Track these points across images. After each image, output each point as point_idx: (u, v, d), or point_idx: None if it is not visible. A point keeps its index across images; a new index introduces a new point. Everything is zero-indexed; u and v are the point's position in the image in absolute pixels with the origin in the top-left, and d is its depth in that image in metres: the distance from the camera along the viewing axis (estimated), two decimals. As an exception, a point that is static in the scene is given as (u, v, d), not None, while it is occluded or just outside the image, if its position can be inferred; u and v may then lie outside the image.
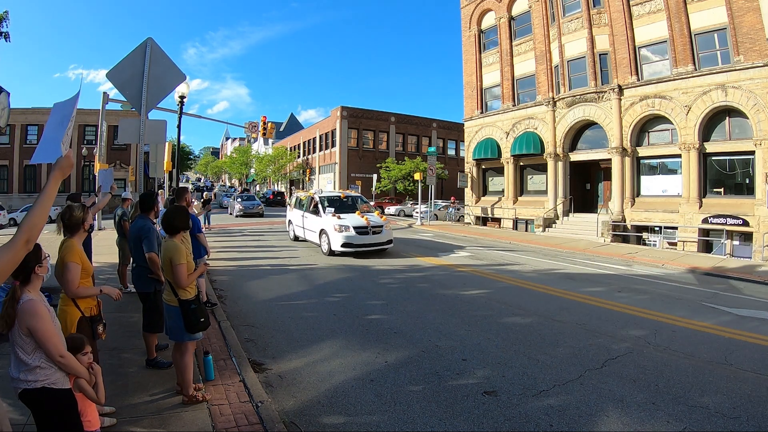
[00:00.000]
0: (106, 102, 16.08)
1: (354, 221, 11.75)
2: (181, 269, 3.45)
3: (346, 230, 11.47)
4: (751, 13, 13.92)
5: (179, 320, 3.49)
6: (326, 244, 11.85)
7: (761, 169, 13.91)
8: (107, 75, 5.75)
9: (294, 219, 14.71)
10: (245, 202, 27.29)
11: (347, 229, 11.48)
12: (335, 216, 11.87)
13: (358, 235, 11.52)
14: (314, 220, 12.78)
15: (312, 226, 12.94)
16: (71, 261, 3.12)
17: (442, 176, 33.47)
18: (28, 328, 2.12)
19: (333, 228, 11.55)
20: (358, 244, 11.48)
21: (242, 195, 31.77)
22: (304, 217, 13.63)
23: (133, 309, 5.52)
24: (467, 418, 3.59)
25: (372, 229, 11.82)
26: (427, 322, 6.14)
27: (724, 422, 3.57)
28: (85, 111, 34.50)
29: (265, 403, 3.61)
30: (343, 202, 13.32)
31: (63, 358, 2.22)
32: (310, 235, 13.13)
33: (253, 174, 60.49)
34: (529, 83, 21.75)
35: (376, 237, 11.85)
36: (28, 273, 2.20)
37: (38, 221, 1.85)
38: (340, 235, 11.43)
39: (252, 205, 27.06)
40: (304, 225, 13.58)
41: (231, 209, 28.27)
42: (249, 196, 30.77)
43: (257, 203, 27.87)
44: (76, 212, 3.24)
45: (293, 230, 14.75)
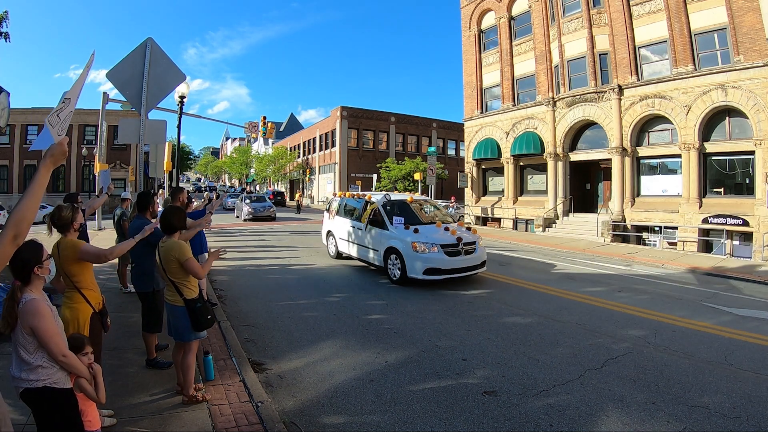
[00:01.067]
0: (106, 102, 16.10)
1: (439, 237, 8.52)
2: (192, 263, 3.48)
3: (431, 250, 8.19)
4: (751, 13, 13.92)
5: (185, 319, 3.49)
6: (397, 268, 8.54)
7: (761, 169, 13.91)
8: (107, 75, 5.75)
9: (337, 230, 11.07)
10: (255, 204, 24.53)
11: (432, 248, 8.21)
12: (409, 229, 8.67)
13: (448, 256, 8.25)
14: (376, 235, 9.31)
15: (373, 243, 9.41)
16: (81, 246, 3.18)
17: (442, 176, 33.45)
18: (30, 328, 2.11)
19: (411, 247, 8.22)
20: (447, 270, 8.19)
21: (250, 195, 28.52)
22: (355, 230, 10.15)
23: (133, 309, 5.52)
24: (467, 418, 3.60)
25: (464, 248, 8.54)
26: (427, 322, 6.14)
27: (724, 422, 3.57)
28: (85, 111, 34.54)
29: (265, 403, 3.61)
30: (411, 208, 9.80)
31: (65, 358, 2.21)
32: (368, 254, 9.57)
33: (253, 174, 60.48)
34: (529, 83, 21.75)
35: (469, 259, 8.57)
36: (28, 273, 2.19)
37: (27, 214, 1.74)
38: (422, 258, 8.12)
39: (263, 208, 24.20)
40: (357, 239, 10.03)
41: (238, 212, 25.80)
42: (258, 197, 27.62)
43: (268, 205, 24.91)
44: (64, 212, 3.23)
45: (334, 245, 11.24)
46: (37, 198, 1.78)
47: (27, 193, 1.78)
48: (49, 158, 1.84)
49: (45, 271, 2.26)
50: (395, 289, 8.14)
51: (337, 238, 11.03)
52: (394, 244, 8.65)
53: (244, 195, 28.65)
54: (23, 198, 1.76)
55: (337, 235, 11.04)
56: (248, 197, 26.51)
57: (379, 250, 9.13)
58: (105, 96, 15.99)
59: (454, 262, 8.30)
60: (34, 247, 2.24)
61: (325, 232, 11.90)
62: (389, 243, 8.78)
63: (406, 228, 8.73)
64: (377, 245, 9.22)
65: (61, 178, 34.91)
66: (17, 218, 1.71)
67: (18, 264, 2.16)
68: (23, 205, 1.74)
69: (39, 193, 1.80)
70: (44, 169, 1.82)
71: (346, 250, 10.65)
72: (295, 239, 15.50)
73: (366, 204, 10.06)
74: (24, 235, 1.76)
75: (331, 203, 11.92)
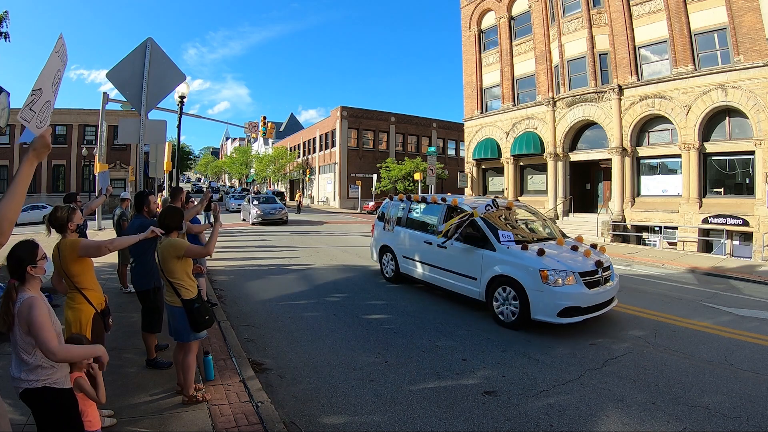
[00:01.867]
0: (106, 102, 16.09)
1: (573, 261, 5.99)
2: (192, 248, 3.59)
3: (565, 281, 5.63)
4: (751, 13, 13.93)
5: (184, 320, 3.49)
6: (511, 305, 5.93)
7: (761, 169, 13.91)
8: (107, 75, 5.75)
9: (399, 246, 8.36)
10: (264, 206, 21.69)
11: (567, 277, 5.66)
12: (529, 249, 6.03)
13: (588, 288, 5.74)
14: (472, 257, 6.56)
15: (464, 267, 6.72)
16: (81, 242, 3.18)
17: (442, 176, 33.47)
18: (27, 323, 2.09)
19: (539, 277, 5.62)
20: (587, 308, 5.73)
21: (258, 196, 25.26)
22: (433, 247, 7.30)
23: (133, 309, 5.52)
24: (467, 418, 3.60)
25: (603, 275, 6.07)
26: (427, 322, 6.14)
27: (724, 422, 3.57)
28: (85, 111, 34.60)
29: (265, 403, 3.61)
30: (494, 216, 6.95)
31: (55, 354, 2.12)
32: (454, 281, 6.92)
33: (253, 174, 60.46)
34: (529, 83, 21.76)
35: (609, 290, 6.09)
36: (22, 272, 2.18)
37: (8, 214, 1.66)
38: (556, 293, 5.55)
39: (273, 210, 21.37)
40: (434, 260, 7.34)
41: (245, 214, 23.28)
42: (268, 197, 24.26)
43: (279, 206, 22.09)
44: (59, 212, 3.23)
45: (392, 264, 8.51)
46: (19, 195, 1.70)
47: (9, 190, 1.69)
48: (32, 152, 1.76)
49: (39, 270, 2.24)
50: (395, 290, 8.13)
51: (399, 257, 8.30)
52: (506, 271, 6.00)
53: (251, 195, 25.17)
54: (5, 196, 1.67)
55: (399, 251, 8.32)
56: (256, 198, 23.57)
57: (477, 278, 6.41)
58: (105, 96, 15.98)
59: (595, 297, 5.79)
60: (29, 247, 2.24)
61: (379, 247, 8.97)
62: (497, 269, 6.12)
63: (523, 248, 6.06)
64: (473, 270, 6.52)
65: (62, 178, 34.96)
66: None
67: (13, 262, 2.17)
68: (4, 203, 1.65)
69: (22, 189, 1.72)
70: (27, 164, 1.74)
71: (413, 273, 7.95)
72: (295, 239, 15.50)
73: (448, 211, 7.40)
74: (6, 234, 1.67)
75: (387, 209, 9.07)
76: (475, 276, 6.51)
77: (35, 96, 1.95)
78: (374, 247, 9.31)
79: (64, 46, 2.15)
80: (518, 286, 5.84)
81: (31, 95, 1.95)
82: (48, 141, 1.83)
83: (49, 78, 2.05)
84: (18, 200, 1.69)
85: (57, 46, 2.07)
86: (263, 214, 20.87)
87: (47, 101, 2.05)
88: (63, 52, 2.17)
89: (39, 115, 1.98)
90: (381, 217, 9.19)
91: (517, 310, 5.86)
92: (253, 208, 21.36)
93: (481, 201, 7.43)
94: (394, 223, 8.65)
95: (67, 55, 2.24)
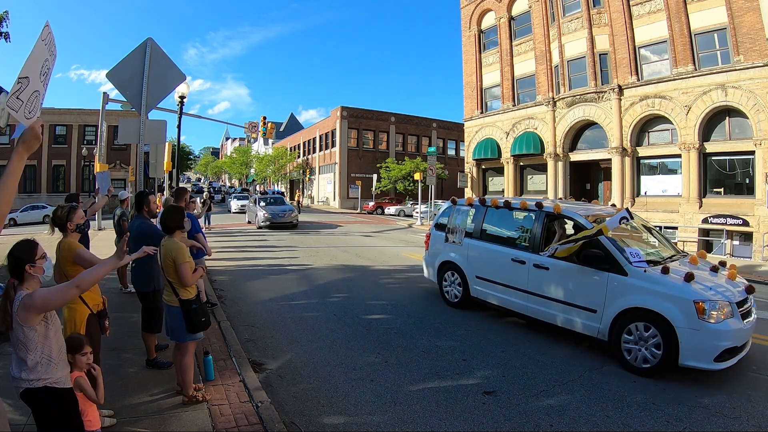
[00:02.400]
0: (106, 102, 16.09)
1: (725, 288, 4.71)
2: (185, 268, 3.46)
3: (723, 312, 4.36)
4: (751, 13, 13.92)
5: (180, 320, 3.49)
6: (651, 347, 4.52)
7: (761, 169, 13.91)
8: (107, 75, 5.76)
9: (470, 262, 6.69)
10: (273, 208, 19.56)
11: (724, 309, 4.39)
12: (670, 274, 4.67)
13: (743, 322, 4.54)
14: (590, 283, 5.09)
15: (572, 295, 5.26)
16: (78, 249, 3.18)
17: (442, 176, 33.47)
18: (37, 308, 2.08)
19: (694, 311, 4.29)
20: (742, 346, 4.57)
21: (265, 197, 22.24)
22: (529, 268, 5.74)
23: (133, 309, 5.52)
24: (467, 418, 3.60)
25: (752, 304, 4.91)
26: (426, 322, 6.14)
27: (724, 422, 3.57)
28: (85, 111, 34.59)
29: (265, 403, 3.61)
30: None
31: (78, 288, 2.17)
32: (557, 309, 5.40)
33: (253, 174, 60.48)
34: (529, 83, 21.76)
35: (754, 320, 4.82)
36: (21, 272, 2.17)
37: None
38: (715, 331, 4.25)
39: (282, 212, 19.18)
40: (528, 284, 5.75)
41: (250, 216, 21.26)
42: (275, 198, 22.03)
43: (289, 208, 20.05)
44: (59, 212, 3.25)
45: (458, 284, 6.86)
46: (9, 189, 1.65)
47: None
48: (21, 145, 1.72)
49: (38, 270, 2.22)
50: (396, 290, 8.14)
51: (470, 277, 6.60)
52: (644, 302, 4.59)
53: (258, 196, 22.55)
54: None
55: (470, 270, 6.61)
56: (263, 199, 21.14)
57: (598, 311, 4.92)
58: (105, 96, 15.99)
59: (748, 332, 4.63)
60: (27, 246, 2.23)
61: (438, 263, 7.24)
62: (630, 299, 4.70)
63: (663, 271, 4.66)
64: (590, 300, 5.03)
65: (62, 178, 34.96)
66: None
67: (11, 261, 2.17)
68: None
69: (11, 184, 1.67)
70: (17, 158, 1.70)
71: (491, 298, 6.32)
72: (295, 239, 15.50)
73: (548, 221, 5.87)
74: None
75: (450, 216, 7.28)
76: (594, 308, 4.96)
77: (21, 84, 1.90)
78: (429, 264, 7.54)
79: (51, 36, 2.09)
80: (661, 323, 4.44)
81: (18, 83, 1.89)
82: (38, 132, 1.77)
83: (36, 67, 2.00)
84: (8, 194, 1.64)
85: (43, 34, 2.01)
86: (271, 217, 18.74)
87: (35, 91, 1.99)
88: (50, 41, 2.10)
89: (27, 105, 1.93)
90: (440, 226, 7.48)
91: (659, 353, 4.40)
92: (260, 210, 19.30)
93: (596, 208, 6.04)
94: (462, 233, 6.91)
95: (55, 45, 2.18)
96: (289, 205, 21.29)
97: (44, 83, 2.09)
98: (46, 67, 2.09)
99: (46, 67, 2.09)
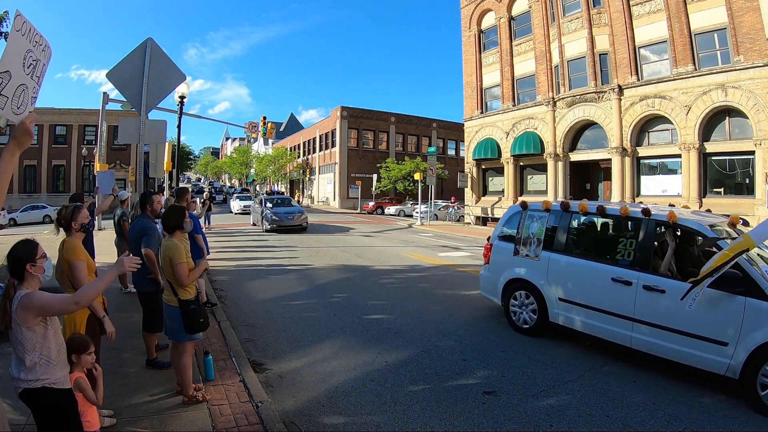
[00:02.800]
0: (106, 102, 16.11)
1: None
2: (182, 268, 3.45)
3: None
4: (751, 13, 13.92)
5: (179, 321, 3.49)
6: None
7: (761, 169, 13.91)
8: (107, 75, 5.76)
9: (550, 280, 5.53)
10: (279, 209, 18.23)
11: None
12: None
13: None
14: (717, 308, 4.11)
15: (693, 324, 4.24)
16: (76, 259, 3.13)
17: (442, 176, 33.48)
18: (39, 308, 2.07)
19: None
20: None
21: (270, 198, 20.47)
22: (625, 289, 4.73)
23: (133, 309, 5.52)
24: (467, 418, 3.60)
25: None
26: (427, 322, 6.14)
27: (725, 422, 3.57)
28: (85, 111, 34.61)
29: (265, 403, 3.61)
30: None
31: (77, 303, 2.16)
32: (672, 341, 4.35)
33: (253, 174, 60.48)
34: (529, 83, 21.76)
35: None
36: (21, 271, 2.17)
37: None
38: None
39: (291, 215, 17.83)
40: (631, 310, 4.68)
41: (255, 217, 20.26)
42: (282, 199, 20.59)
43: (297, 210, 18.69)
44: (63, 211, 3.25)
45: (533, 307, 5.68)
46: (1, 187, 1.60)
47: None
48: (12, 141, 1.66)
49: (38, 270, 2.22)
50: (395, 290, 8.14)
51: (550, 298, 5.46)
52: None
53: (264, 197, 20.47)
54: None
55: (551, 290, 5.46)
56: (269, 200, 19.67)
57: (731, 344, 4.00)
58: (105, 96, 16.00)
59: None
60: (28, 246, 2.23)
61: (504, 280, 6.04)
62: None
63: None
64: (718, 330, 4.10)
65: (62, 178, 34.97)
66: None
67: (11, 261, 2.16)
68: None
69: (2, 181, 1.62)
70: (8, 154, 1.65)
71: (578, 324, 5.20)
72: (295, 239, 15.50)
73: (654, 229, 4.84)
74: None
75: (520, 224, 5.99)
76: (724, 340, 4.04)
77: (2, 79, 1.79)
78: (492, 280, 6.28)
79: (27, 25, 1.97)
80: None
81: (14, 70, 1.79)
82: (29, 128, 1.71)
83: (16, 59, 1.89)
84: None
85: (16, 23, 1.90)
86: (279, 219, 17.54)
87: (22, 85, 1.90)
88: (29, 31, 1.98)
89: (14, 101, 1.85)
90: (506, 237, 6.22)
91: None
92: (268, 212, 18.05)
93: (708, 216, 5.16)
94: (537, 245, 5.68)
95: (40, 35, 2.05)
96: (298, 207, 20.13)
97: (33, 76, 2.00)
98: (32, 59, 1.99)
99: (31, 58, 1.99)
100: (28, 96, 1.95)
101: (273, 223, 17.50)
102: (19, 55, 1.91)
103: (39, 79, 2.05)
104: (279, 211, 18.03)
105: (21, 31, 1.94)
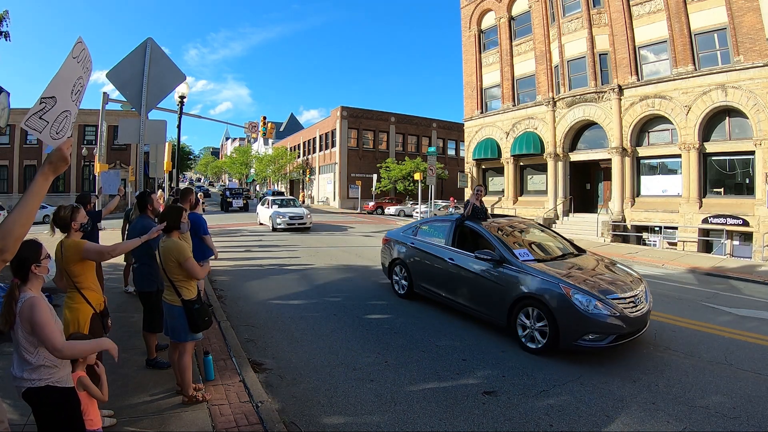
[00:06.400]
0: (106, 102, 16.08)
1: None
2: (191, 263, 3.49)
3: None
4: (751, 13, 13.93)
5: (182, 320, 3.49)
6: None
7: (761, 169, 13.91)
8: (107, 75, 5.75)
9: None
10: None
11: None
12: None
13: None
14: None
15: None
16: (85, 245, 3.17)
17: (442, 176, 33.49)
18: (30, 323, 2.09)
19: None
20: None
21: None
22: None
23: (134, 309, 5.52)
24: (467, 418, 3.60)
25: None
26: (427, 322, 6.14)
27: (724, 422, 3.57)
28: (85, 111, 34.52)
29: (265, 403, 3.61)
30: None
31: (60, 351, 2.12)
32: None
33: (253, 174, 60.51)
34: (529, 83, 21.76)
35: None
36: (26, 271, 2.18)
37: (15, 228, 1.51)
38: None
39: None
40: None
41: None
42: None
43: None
44: (62, 212, 3.24)
45: None
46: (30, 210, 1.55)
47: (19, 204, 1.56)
48: (48, 166, 1.61)
49: (43, 270, 2.24)
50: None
51: None
52: None
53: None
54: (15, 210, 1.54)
55: None
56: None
57: None
58: (105, 96, 15.97)
59: None
60: (32, 246, 2.24)
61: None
62: None
63: None
64: None
65: (62, 178, 34.91)
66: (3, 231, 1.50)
67: (16, 262, 2.16)
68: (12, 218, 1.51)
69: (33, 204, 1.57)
70: (41, 178, 1.59)
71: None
72: (295, 239, 15.50)
73: None
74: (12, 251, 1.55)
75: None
76: None
77: (46, 104, 1.73)
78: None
79: (85, 51, 1.91)
80: None
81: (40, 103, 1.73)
82: (66, 155, 1.64)
83: (66, 85, 1.81)
84: (28, 216, 1.55)
85: (76, 50, 1.84)
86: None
87: (65, 111, 1.81)
88: (85, 57, 1.93)
89: (54, 126, 1.77)
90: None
91: None
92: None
93: None
94: None
95: (91, 61, 2.00)
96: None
97: (77, 102, 1.93)
98: (80, 85, 1.93)
99: (80, 84, 1.93)
100: (69, 122, 1.88)
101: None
102: (69, 82, 1.85)
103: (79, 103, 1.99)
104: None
105: (78, 58, 1.88)
